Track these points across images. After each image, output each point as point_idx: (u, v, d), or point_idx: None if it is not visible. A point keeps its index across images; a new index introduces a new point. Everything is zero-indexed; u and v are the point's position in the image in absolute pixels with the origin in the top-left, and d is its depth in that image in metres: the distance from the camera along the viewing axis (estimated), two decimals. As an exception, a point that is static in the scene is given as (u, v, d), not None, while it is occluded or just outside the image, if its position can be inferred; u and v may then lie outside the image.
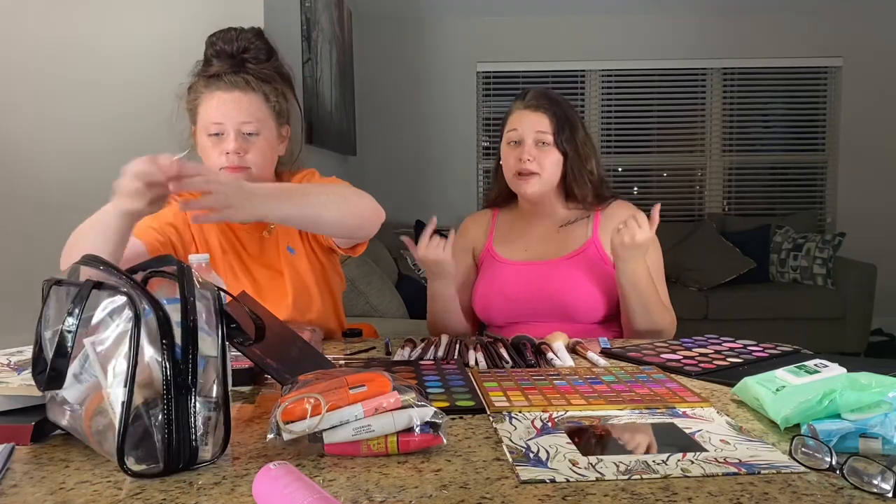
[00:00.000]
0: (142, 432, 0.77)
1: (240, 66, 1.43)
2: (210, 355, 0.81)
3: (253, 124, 1.41)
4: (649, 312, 1.58)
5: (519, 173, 1.66)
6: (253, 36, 1.46)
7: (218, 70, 1.41)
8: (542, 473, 0.77)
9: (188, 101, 1.46)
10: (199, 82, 1.43)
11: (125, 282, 0.82)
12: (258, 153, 1.42)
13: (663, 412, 0.98)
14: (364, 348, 1.44)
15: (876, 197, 5.07)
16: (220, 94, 1.40)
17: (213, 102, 1.40)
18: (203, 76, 1.43)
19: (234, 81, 1.40)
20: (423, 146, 5.18)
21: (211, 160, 1.41)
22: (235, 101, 1.40)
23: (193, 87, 1.45)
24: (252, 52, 1.44)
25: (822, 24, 5.03)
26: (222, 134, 1.40)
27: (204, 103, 1.41)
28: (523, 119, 1.67)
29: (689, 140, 5.32)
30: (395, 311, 2.99)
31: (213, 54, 1.44)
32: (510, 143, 1.68)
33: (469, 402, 1.02)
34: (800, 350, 1.36)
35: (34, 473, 0.80)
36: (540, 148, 1.65)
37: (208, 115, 1.40)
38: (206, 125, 1.40)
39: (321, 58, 3.46)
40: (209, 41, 1.46)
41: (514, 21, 5.07)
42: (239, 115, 1.39)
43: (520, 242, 1.73)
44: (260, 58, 1.45)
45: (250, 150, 1.40)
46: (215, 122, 1.40)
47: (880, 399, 0.83)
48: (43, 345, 0.89)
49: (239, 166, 1.40)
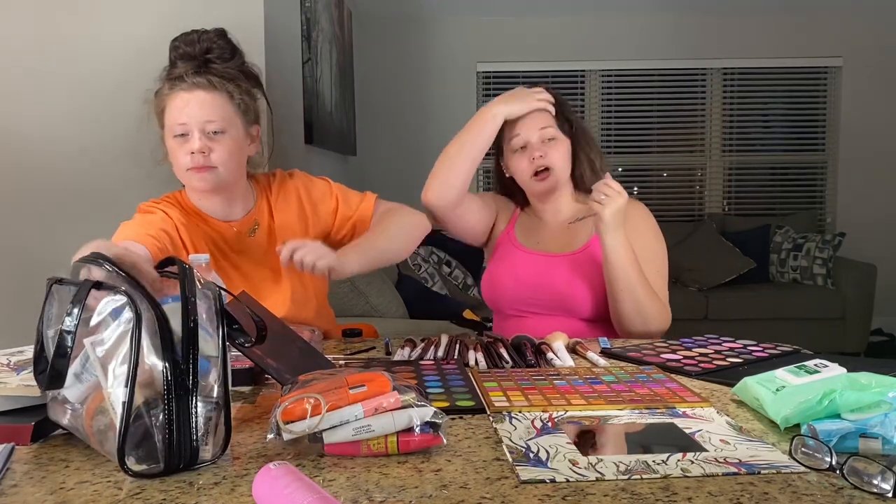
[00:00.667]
0: (142, 432, 0.77)
1: (204, 67, 1.42)
2: (211, 355, 0.81)
3: (217, 122, 1.39)
4: (636, 300, 1.54)
5: (535, 174, 1.66)
6: (215, 36, 1.45)
7: (181, 72, 1.40)
8: (542, 473, 0.77)
9: (155, 105, 1.46)
10: (164, 86, 1.43)
11: (125, 281, 0.82)
12: (224, 151, 1.40)
13: (663, 412, 0.98)
14: (364, 348, 1.44)
15: (876, 197, 5.08)
16: (182, 94, 1.39)
17: (176, 104, 1.39)
18: (167, 79, 1.43)
19: (197, 81, 1.40)
20: (423, 146, 5.17)
21: (178, 162, 1.41)
22: (198, 100, 1.39)
23: (159, 91, 1.45)
24: (216, 52, 1.44)
25: (822, 24, 5.03)
26: (187, 134, 1.39)
27: (168, 105, 1.41)
28: (522, 122, 1.66)
29: (689, 140, 5.32)
30: (395, 311, 2.99)
31: (177, 57, 1.43)
32: (516, 151, 1.67)
33: (469, 402, 1.02)
34: (800, 350, 1.36)
35: (34, 473, 0.80)
36: (547, 144, 1.65)
37: (172, 116, 1.40)
38: (172, 126, 1.40)
39: (321, 58, 3.46)
40: (172, 45, 1.46)
41: (514, 21, 5.07)
42: (202, 114, 1.38)
43: (533, 235, 1.75)
44: (224, 57, 1.45)
45: (215, 149, 1.39)
46: (179, 122, 1.39)
47: (880, 399, 0.83)
48: (44, 344, 0.89)
49: (204, 166, 1.39)
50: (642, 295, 1.55)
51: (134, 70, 2.31)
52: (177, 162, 1.41)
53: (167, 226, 1.43)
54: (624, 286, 1.54)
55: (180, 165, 1.41)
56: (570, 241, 1.70)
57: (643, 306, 1.55)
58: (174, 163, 1.43)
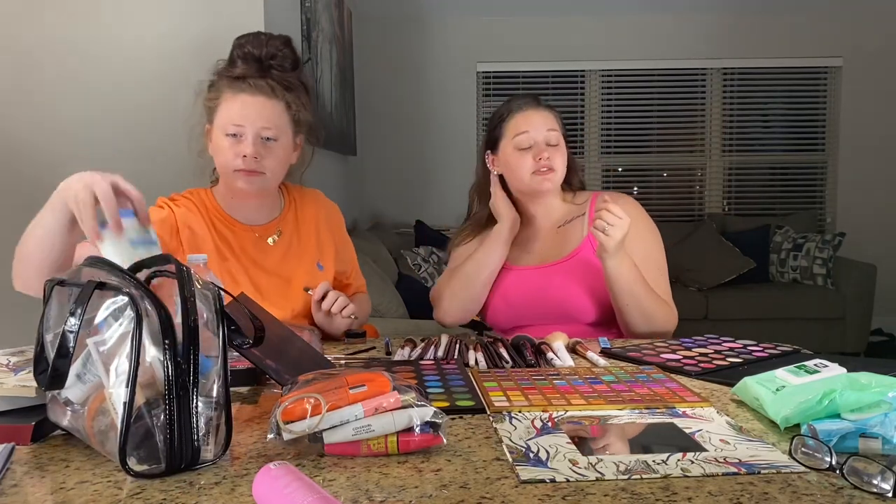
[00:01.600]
0: (144, 432, 0.77)
1: (265, 72, 1.44)
2: (211, 355, 0.81)
3: (272, 130, 1.42)
4: (643, 312, 1.54)
5: (538, 171, 1.62)
6: (281, 43, 1.47)
7: (243, 72, 1.42)
8: (542, 473, 0.77)
9: (207, 98, 1.46)
10: (222, 82, 1.44)
11: (128, 282, 0.82)
12: (274, 159, 1.43)
13: (663, 412, 0.98)
14: (364, 348, 1.44)
15: (876, 197, 5.08)
16: (244, 96, 1.41)
17: (235, 104, 1.41)
18: (227, 76, 1.43)
19: (260, 86, 1.41)
20: (423, 146, 5.18)
21: (225, 159, 1.42)
22: (258, 105, 1.41)
23: (215, 85, 1.45)
24: (279, 60, 1.45)
25: (822, 24, 5.03)
26: (240, 136, 1.41)
27: (225, 103, 1.42)
28: (532, 120, 1.64)
29: (689, 140, 5.32)
30: (395, 311, 2.99)
31: (241, 56, 1.44)
32: (521, 149, 1.63)
33: (469, 401, 1.02)
34: (800, 350, 1.36)
35: (34, 473, 0.80)
36: (551, 148, 1.63)
37: (229, 115, 1.41)
38: (226, 125, 1.41)
39: (321, 58, 3.46)
40: (237, 42, 1.47)
41: (514, 21, 5.07)
42: (260, 120, 1.40)
43: (523, 245, 1.72)
44: (285, 66, 1.46)
45: (266, 156, 1.42)
46: (236, 123, 1.40)
47: (880, 399, 0.83)
48: (44, 345, 0.89)
49: (254, 170, 1.41)
50: (648, 306, 1.55)
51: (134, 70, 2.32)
52: (224, 159, 1.42)
53: (163, 230, 1.43)
54: (629, 301, 1.55)
55: (227, 163, 1.42)
56: (561, 246, 1.68)
57: (650, 315, 1.56)
58: (219, 158, 1.44)
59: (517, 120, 1.65)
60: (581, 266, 1.63)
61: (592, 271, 1.61)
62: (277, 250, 1.53)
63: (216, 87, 1.45)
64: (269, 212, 1.55)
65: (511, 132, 1.65)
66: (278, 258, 1.53)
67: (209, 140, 1.48)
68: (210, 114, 1.46)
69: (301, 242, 1.56)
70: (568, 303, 1.62)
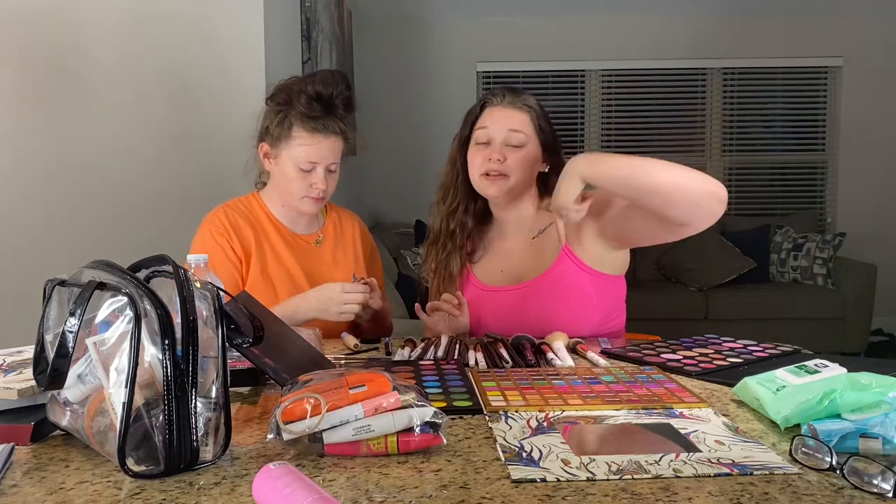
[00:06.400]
0: (142, 433, 0.77)
1: (330, 109, 1.58)
2: (210, 355, 0.81)
3: (336, 164, 1.63)
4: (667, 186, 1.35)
5: (486, 174, 1.53)
6: (345, 87, 1.60)
7: (318, 114, 1.56)
8: (533, 472, 0.77)
9: (277, 130, 1.59)
10: (297, 118, 1.57)
11: (128, 282, 0.82)
12: (333, 185, 1.64)
13: (660, 412, 0.98)
14: (364, 348, 1.44)
15: (876, 197, 5.07)
16: (321, 138, 1.57)
17: (311, 143, 1.57)
18: (301, 115, 1.56)
19: (332, 128, 1.58)
20: (424, 146, 5.17)
21: (297, 188, 1.59)
22: (330, 145, 1.59)
23: (289, 118, 1.57)
24: (340, 99, 1.59)
25: (822, 24, 5.03)
26: (312, 170, 1.58)
27: (301, 140, 1.57)
28: (496, 115, 1.55)
29: (689, 140, 5.31)
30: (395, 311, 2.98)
31: (314, 96, 1.56)
32: (479, 143, 1.55)
33: (466, 402, 1.02)
34: (800, 350, 1.36)
35: (34, 473, 0.80)
36: (510, 149, 1.53)
37: (307, 154, 1.57)
38: (301, 161, 1.57)
39: (321, 58, 3.46)
40: (308, 79, 1.59)
41: (514, 21, 5.07)
42: (331, 157, 1.60)
43: (497, 260, 1.63)
44: (347, 106, 1.62)
45: (329, 184, 1.62)
46: (312, 160, 1.58)
47: (880, 399, 0.83)
48: (44, 345, 0.89)
49: (321, 197, 1.61)
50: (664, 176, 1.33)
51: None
52: (294, 187, 1.59)
53: (232, 261, 1.60)
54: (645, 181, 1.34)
55: (296, 191, 1.60)
56: (537, 260, 1.56)
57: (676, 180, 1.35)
58: (287, 185, 1.60)
59: (484, 113, 1.58)
60: (562, 280, 1.52)
61: (573, 287, 1.51)
62: (323, 252, 1.70)
63: (289, 120, 1.58)
64: (310, 225, 1.73)
65: (476, 125, 1.58)
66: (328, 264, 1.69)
67: (269, 160, 1.63)
68: (275, 140, 1.60)
69: (344, 251, 1.74)
70: (548, 325, 1.45)
